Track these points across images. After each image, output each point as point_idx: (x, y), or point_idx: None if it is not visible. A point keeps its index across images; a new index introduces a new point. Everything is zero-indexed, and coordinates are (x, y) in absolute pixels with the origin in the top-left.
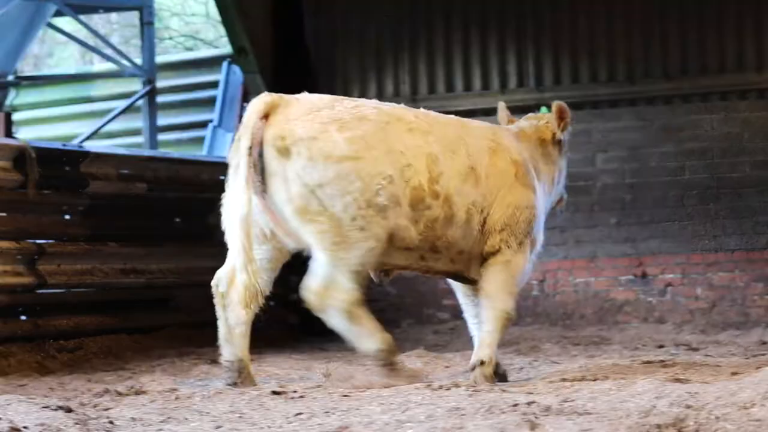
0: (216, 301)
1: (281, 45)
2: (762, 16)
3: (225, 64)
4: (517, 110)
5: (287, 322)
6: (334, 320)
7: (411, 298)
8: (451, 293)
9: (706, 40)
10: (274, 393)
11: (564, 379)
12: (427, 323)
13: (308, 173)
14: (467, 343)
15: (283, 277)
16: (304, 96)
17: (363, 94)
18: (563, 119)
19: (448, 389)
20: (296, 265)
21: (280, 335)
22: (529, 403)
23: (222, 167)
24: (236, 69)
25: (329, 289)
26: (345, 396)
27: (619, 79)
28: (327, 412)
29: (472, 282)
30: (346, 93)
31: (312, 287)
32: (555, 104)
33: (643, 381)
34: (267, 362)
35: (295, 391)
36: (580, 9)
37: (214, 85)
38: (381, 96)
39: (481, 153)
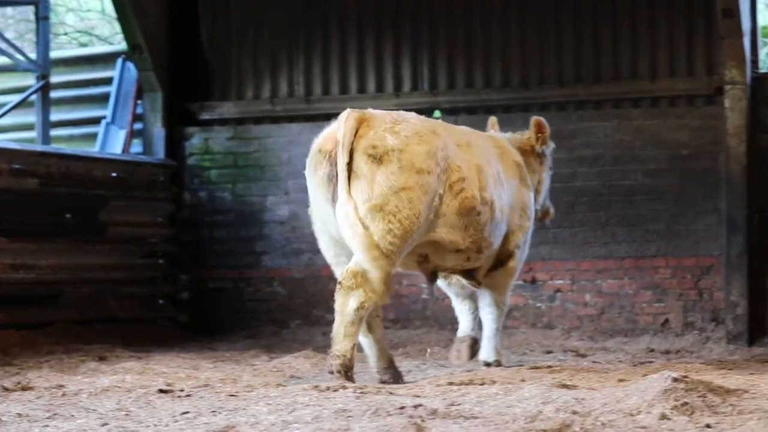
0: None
1: (176, 43)
2: (655, 25)
3: (119, 61)
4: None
5: (176, 321)
6: (345, 306)
7: (300, 299)
8: None
9: (601, 48)
10: (161, 391)
11: (451, 383)
12: (315, 324)
13: (396, 177)
14: (356, 346)
15: (173, 275)
16: (377, 111)
17: (257, 94)
18: (542, 133)
19: (335, 391)
20: (187, 264)
21: (169, 334)
22: (416, 406)
23: (114, 164)
24: (131, 66)
25: (366, 280)
26: (232, 395)
27: (513, 84)
28: (214, 411)
29: (473, 276)
30: (241, 92)
31: (353, 269)
32: (533, 120)
33: (530, 386)
34: (155, 360)
35: (182, 390)
36: (476, 14)
37: (108, 81)
38: (275, 96)
39: (496, 158)
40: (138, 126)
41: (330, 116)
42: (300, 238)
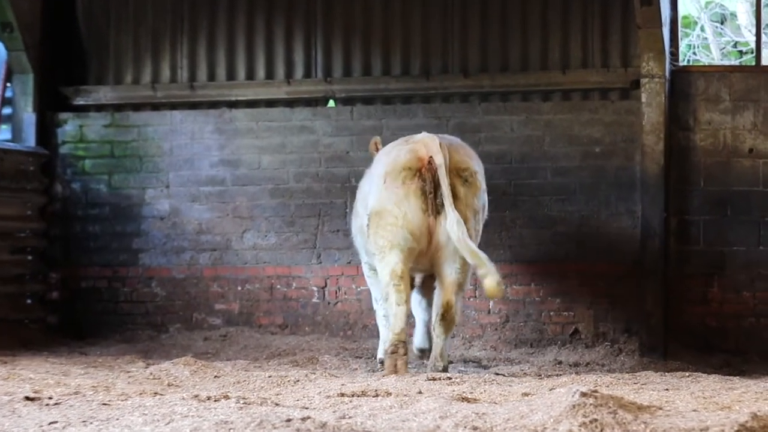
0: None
1: (50, 21)
2: (568, 13)
3: None
4: (303, 102)
5: (45, 322)
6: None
7: (180, 301)
8: (223, 297)
9: (509, 37)
10: (28, 399)
11: (343, 394)
12: (196, 329)
13: (477, 199)
14: (239, 352)
15: (43, 273)
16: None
17: (137, 78)
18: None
19: (216, 401)
20: (58, 261)
21: (37, 336)
22: (303, 419)
23: None
24: (0, 46)
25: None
26: (104, 404)
27: (414, 73)
28: (84, 421)
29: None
30: (119, 76)
31: (459, 280)
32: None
33: (428, 399)
34: (21, 365)
35: (50, 398)
36: None
37: None
38: (156, 81)
39: None
40: (6, 111)
41: (216, 104)
42: (181, 236)
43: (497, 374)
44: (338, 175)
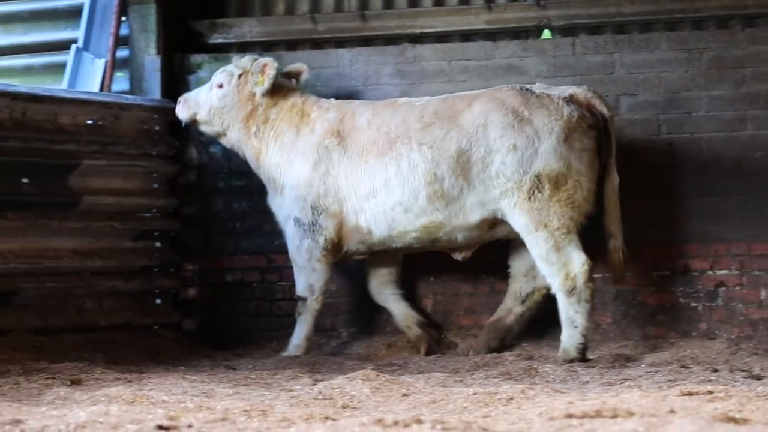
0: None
1: None
2: None
3: None
4: (509, 34)
5: (180, 328)
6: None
7: (356, 296)
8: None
9: None
10: (161, 428)
11: (571, 415)
12: (377, 332)
13: None
14: (433, 363)
15: (175, 264)
16: None
17: (291, 8)
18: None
19: (406, 426)
20: (194, 248)
21: (170, 346)
22: None
23: (89, 107)
24: None
25: None
26: None
27: None
28: None
29: None
30: (268, 5)
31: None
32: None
33: (682, 420)
34: (150, 384)
35: (190, 426)
36: None
37: None
38: (317, 11)
39: None
40: (122, 53)
41: (395, 38)
42: None
43: None
44: None
